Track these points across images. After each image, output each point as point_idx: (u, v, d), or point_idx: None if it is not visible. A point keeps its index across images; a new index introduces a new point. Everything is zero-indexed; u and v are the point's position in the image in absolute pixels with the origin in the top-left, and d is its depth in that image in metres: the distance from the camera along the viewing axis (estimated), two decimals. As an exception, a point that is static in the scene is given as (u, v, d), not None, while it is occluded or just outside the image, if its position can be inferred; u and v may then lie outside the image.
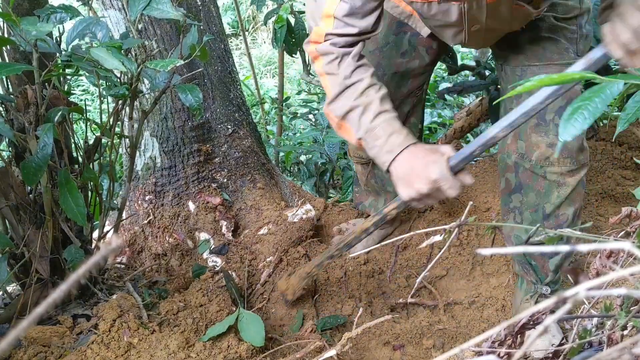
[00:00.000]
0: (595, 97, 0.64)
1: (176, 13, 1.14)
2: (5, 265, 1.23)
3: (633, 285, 0.91)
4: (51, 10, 1.13)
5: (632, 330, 0.74)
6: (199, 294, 1.53)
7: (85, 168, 1.26)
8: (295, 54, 2.40)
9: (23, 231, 1.27)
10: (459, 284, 1.71)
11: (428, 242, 0.88)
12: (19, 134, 1.15)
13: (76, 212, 1.15)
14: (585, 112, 0.64)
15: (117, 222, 1.45)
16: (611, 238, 0.86)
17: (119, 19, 1.72)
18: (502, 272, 1.66)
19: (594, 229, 1.67)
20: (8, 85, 1.25)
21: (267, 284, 1.74)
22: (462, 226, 0.82)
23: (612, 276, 0.35)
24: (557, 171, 1.37)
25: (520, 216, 1.44)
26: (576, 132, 0.65)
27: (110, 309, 1.28)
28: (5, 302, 1.46)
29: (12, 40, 1.04)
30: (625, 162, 1.99)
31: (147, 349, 1.22)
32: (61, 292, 0.28)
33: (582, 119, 0.64)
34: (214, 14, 1.91)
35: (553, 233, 0.81)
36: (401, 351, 1.56)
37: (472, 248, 1.77)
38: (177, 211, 1.87)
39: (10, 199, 1.24)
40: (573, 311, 1.20)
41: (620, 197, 1.83)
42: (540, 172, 1.38)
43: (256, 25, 6.04)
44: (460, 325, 1.61)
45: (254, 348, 1.31)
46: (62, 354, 1.21)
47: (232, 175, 1.97)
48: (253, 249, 1.80)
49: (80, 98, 4.65)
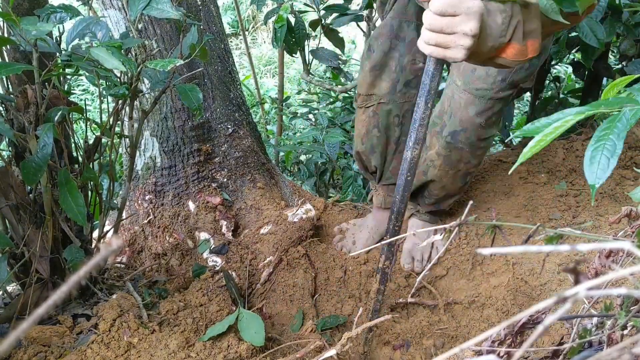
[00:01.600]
0: (609, 134, 0.63)
1: (176, 13, 1.14)
2: (5, 265, 1.23)
3: (633, 285, 0.91)
4: (51, 10, 1.13)
5: (632, 330, 0.74)
6: (199, 293, 1.53)
7: (85, 168, 1.26)
8: (295, 53, 2.40)
9: (23, 231, 1.27)
10: (459, 283, 1.71)
11: (428, 241, 0.89)
12: (19, 134, 1.15)
13: (76, 212, 1.15)
14: (605, 152, 0.64)
15: (117, 222, 1.45)
16: (610, 237, 0.86)
17: (119, 19, 1.72)
18: (502, 271, 1.66)
19: (593, 228, 1.67)
20: (8, 85, 1.25)
21: (267, 283, 1.74)
22: (462, 225, 0.82)
23: (612, 276, 0.35)
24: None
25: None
26: (604, 175, 0.64)
27: (110, 308, 1.28)
28: (5, 301, 1.46)
29: (12, 40, 1.04)
30: (625, 162, 1.99)
31: (147, 349, 1.22)
32: (61, 293, 0.28)
33: (605, 160, 0.63)
34: (214, 13, 1.91)
35: (553, 232, 0.81)
36: (401, 351, 1.56)
37: (472, 248, 1.77)
38: (177, 211, 1.87)
39: (10, 198, 1.24)
40: (572, 310, 1.20)
41: (620, 197, 1.83)
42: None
43: (256, 24, 6.03)
44: (460, 325, 1.61)
45: (254, 348, 1.31)
46: (62, 353, 1.21)
47: (232, 175, 1.97)
48: (253, 248, 1.80)
49: (80, 98, 4.65)
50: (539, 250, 0.37)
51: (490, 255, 1.73)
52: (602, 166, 0.64)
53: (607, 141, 0.64)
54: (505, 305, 1.59)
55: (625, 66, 2.19)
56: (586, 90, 2.55)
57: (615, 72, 2.35)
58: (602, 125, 0.66)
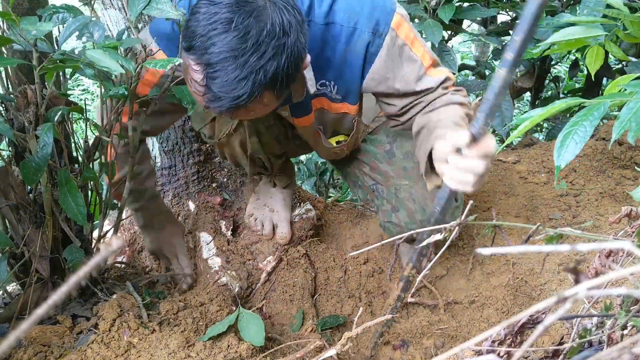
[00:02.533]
0: (583, 120, 0.66)
1: (176, 13, 1.13)
2: (5, 264, 1.23)
3: (633, 285, 0.91)
4: (53, 9, 1.13)
5: (632, 329, 0.74)
6: (199, 293, 1.53)
7: (85, 168, 1.26)
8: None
9: (23, 231, 1.27)
10: (459, 283, 1.71)
11: (429, 241, 0.88)
12: (19, 134, 1.15)
13: (76, 212, 1.15)
14: (576, 137, 0.67)
15: (117, 222, 1.45)
16: (611, 237, 0.86)
17: (119, 19, 1.72)
18: (502, 271, 1.66)
19: (593, 228, 1.67)
20: (8, 85, 1.25)
21: (267, 283, 1.74)
22: (462, 225, 0.82)
23: (612, 276, 0.35)
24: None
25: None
26: (570, 158, 0.68)
27: (110, 308, 1.28)
28: (5, 301, 1.46)
29: (12, 40, 1.04)
30: (625, 161, 1.99)
31: (147, 349, 1.22)
32: (61, 294, 0.28)
33: (573, 144, 0.67)
34: (214, 13, 1.91)
35: (553, 232, 0.81)
36: (401, 350, 1.56)
37: (472, 247, 1.77)
38: (177, 211, 1.87)
39: (10, 198, 1.24)
40: (572, 310, 1.20)
41: (620, 196, 1.83)
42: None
43: (256, 24, 6.02)
44: (460, 324, 1.61)
45: (254, 347, 1.31)
46: (62, 353, 1.21)
47: (232, 174, 1.97)
48: (253, 248, 1.80)
49: (80, 98, 4.65)
50: (539, 250, 0.37)
51: (490, 255, 1.73)
52: (570, 149, 0.67)
53: (579, 127, 0.66)
54: (505, 305, 1.59)
55: (625, 66, 2.20)
56: (586, 90, 2.56)
57: (615, 72, 2.35)
58: (580, 112, 0.68)
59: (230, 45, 0.97)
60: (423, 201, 1.47)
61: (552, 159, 2.03)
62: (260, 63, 0.99)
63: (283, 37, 1.00)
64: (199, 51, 0.99)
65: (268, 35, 0.98)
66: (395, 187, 1.51)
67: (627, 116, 0.77)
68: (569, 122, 0.69)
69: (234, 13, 0.97)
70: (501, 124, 2.11)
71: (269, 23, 0.98)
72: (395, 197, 1.51)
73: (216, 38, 0.97)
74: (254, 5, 0.99)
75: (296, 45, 1.03)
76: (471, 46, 5.18)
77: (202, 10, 1.00)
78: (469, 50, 5.40)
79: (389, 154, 1.53)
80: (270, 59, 0.99)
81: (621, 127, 0.78)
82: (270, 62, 0.99)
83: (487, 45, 3.72)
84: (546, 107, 0.69)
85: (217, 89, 1.01)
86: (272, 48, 0.99)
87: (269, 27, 0.98)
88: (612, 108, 2.35)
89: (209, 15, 0.98)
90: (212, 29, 0.98)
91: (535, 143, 2.43)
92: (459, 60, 2.89)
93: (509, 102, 2.14)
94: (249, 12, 0.98)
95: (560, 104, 0.65)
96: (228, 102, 1.02)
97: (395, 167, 1.52)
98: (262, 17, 0.98)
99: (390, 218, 1.53)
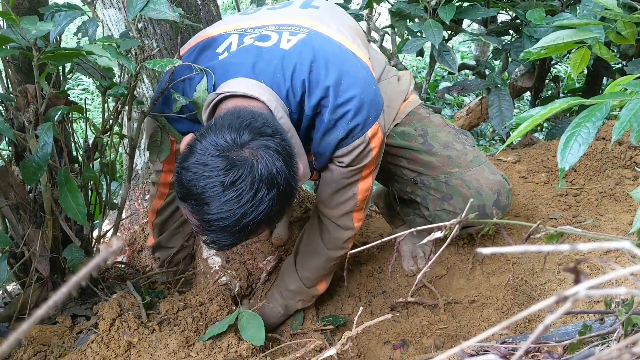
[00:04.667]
0: (586, 122, 0.66)
1: (173, 14, 1.13)
2: (5, 264, 1.23)
3: (633, 285, 0.91)
4: (55, 8, 1.13)
5: (632, 329, 0.74)
6: (199, 293, 1.53)
7: (85, 167, 1.26)
8: (295, 53, 2.39)
9: (23, 230, 1.27)
10: (459, 283, 1.71)
11: (429, 239, 0.88)
12: (19, 133, 1.15)
13: (76, 212, 1.15)
14: (579, 138, 0.66)
15: (117, 222, 1.45)
16: (610, 237, 0.86)
17: (118, 18, 1.72)
18: (502, 271, 1.66)
19: (593, 228, 1.67)
20: (8, 84, 1.25)
21: (267, 283, 1.74)
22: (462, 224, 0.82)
23: (612, 275, 0.35)
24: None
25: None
26: (574, 160, 0.67)
27: (110, 308, 1.28)
28: (5, 301, 1.46)
29: (12, 39, 1.04)
30: (625, 161, 1.99)
31: (147, 348, 1.22)
32: (61, 295, 0.28)
33: (577, 146, 0.66)
34: (214, 13, 1.91)
35: (553, 230, 0.81)
36: (401, 350, 1.56)
37: (472, 247, 1.77)
38: (177, 210, 1.87)
39: (10, 198, 1.24)
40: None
41: (620, 196, 1.83)
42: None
43: (256, 24, 6.02)
44: (460, 324, 1.61)
45: (254, 347, 1.31)
46: (62, 353, 1.21)
47: (232, 174, 1.97)
48: (252, 248, 1.80)
49: (80, 97, 4.65)
50: (539, 250, 0.37)
51: (490, 254, 1.73)
52: (573, 151, 0.67)
53: (582, 128, 0.66)
54: (505, 304, 1.59)
55: (625, 66, 2.20)
56: (586, 90, 2.56)
57: (615, 71, 2.35)
58: (582, 113, 0.67)
59: (225, 207, 1.04)
60: (478, 186, 1.49)
61: (552, 158, 2.04)
62: (254, 216, 1.05)
63: (272, 188, 1.05)
64: (196, 207, 1.06)
65: (259, 191, 1.04)
66: (445, 176, 1.53)
67: (628, 117, 0.77)
68: (571, 123, 0.68)
69: (225, 176, 1.02)
70: (501, 123, 2.11)
71: (257, 181, 1.04)
72: (446, 185, 1.53)
73: (211, 200, 1.03)
74: (244, 164, 1.03)
75: (287, 190, 1.09)
76: (471, 46, 5.18)
77: (192, 170, 1.04)
78: (469, 50, 5.40)
79: (427, 146, 1.56)
80: (264, 211, 1.06)
81: (621, 128, 0.78)
82: (264, 213, 1.06)
83: (487, 44, 3.72)
84: (547, 107, 0.69)
85: (213, 237, 1.10)
86: (265, 202, 1.05)
87: (257, 184, 1.04)
88: (612, 108, 2.35)
89: (202, 177, 1.03)
90: (205, 191, 1.03)
91: (535, 143, 2.43)
92: (459, 60, 2.89)
93: (509, 102, 2.14)
94: (240, 175, 1.03)
95: (561, 104, 0.65)
96: (224, 247, 1.15)
97: (438, 157, 1.54)
98: (254, 174, 1.03)
99: (442, 206, 1.55)
